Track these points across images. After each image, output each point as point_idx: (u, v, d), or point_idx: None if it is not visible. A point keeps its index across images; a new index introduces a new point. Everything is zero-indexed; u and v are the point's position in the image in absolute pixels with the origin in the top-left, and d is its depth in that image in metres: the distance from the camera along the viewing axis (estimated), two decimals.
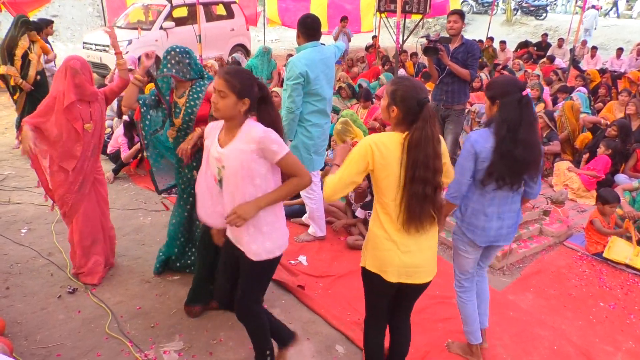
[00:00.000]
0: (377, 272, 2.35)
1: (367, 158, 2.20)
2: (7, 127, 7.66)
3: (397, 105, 2.20)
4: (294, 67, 3.83)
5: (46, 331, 3.18)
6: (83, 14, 17.92)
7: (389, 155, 2.19)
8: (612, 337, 3.41)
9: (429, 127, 2.15)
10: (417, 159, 2.14)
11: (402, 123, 2.23)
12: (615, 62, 13.04)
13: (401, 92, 2.20)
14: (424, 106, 2.16)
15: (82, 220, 3.61)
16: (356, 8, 15.05)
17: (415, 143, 2.14)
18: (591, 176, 5.80)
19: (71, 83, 3.32)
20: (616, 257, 4.29)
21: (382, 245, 2.31)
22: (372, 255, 2.37)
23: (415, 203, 2.18)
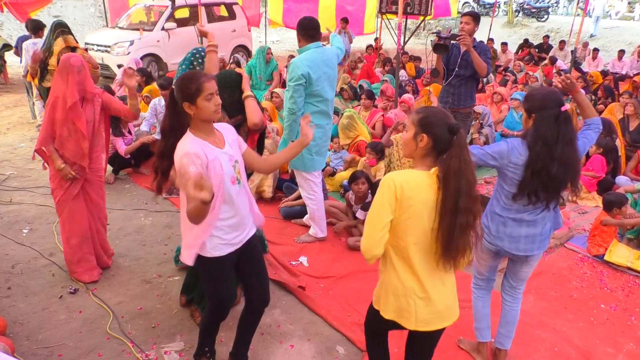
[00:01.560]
0: (394, 319, 2.21)
1: (391, 196, 2.01)
2: (9, 127, 7.68)
3: (428, 133, 2.02)
4: (296, 68, 3.84)
5: (47, 331, 3.19)
6: (85, 14, 17.95)
7: (413, 197, 2.00)
8: (613, 339, 3.41)
9: (465, 153, 2.00)
10: (460, 187, 1.96)
11: (431, 154, 2.06)
12: (617, 64, 13.04)
13: (431, 119, 2.04)
14: (457, 132, 2.00)
15: (68, 217, 3.63)
16: (361, 10, 15.09)
17: (455, 171, 1.96)
18: (591, 177, 5.80)
19: (74, 81, 3.32)
20: (617, 260, 4.28)
21: (398, 292, 2.14)
22: (387, 301, 2.20)
23: (459, 234, 2.00)
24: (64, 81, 3.35)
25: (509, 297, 3.04)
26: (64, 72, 3.35)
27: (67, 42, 3.94)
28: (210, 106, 2.30)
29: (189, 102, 2.29)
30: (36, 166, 6.03)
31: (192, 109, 2.31)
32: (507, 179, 2.62)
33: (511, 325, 3.04)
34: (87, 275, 3.71)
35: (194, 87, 2.28)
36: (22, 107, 8.94)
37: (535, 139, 2.49)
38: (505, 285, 3.06)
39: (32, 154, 3.42)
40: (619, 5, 25.61)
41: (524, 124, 2.69)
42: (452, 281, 2.22)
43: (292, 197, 5.10)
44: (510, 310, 3.03)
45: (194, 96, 2.28)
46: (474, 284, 3.10)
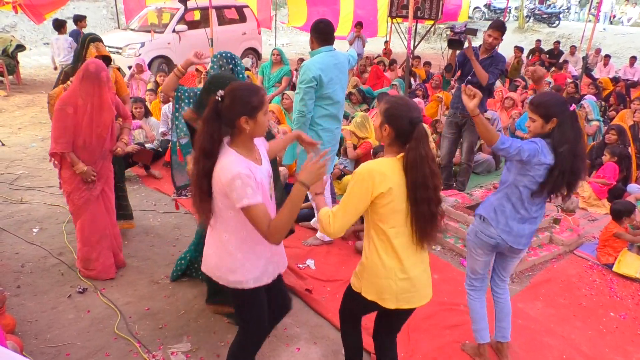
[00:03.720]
0: (375, 299, 2.31)
1: (369, 186, 2.12)
2: (21, 127, 7.75)
3: (390, 124, 2.16)
4: (308, 70, 3.85)
5: (56, 330, 3.21)
6: (97, 16, 18.12)
7: (390, 183, 2.13)
8: (622, 348, 3.37)
9: (422, 147, 2.11)
10: (416, 180, 2.11)
11: (395, 143, 2.20)
12: (629, 70, 12.95)
13: (393, 111, 2.16)
14: (416, 126, 2.12)
15: (89, 217, 3.65)
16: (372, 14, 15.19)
17: (411, 164, 2.10)
18: (602, 184, 5.75)
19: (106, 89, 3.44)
20: (627, 272, 4.23)
21: (380, 273, 2.26)
22: (369, 282, 2.31)
23: (424, 223, 2.18)
24: (91, 88, 3.37)
25: (500, 289, 3.11)
26: (94, 82, 3.37)
27: (99, 50, 3.92)
28: (266, 122, 2.17)
29: (248, 116, 2.09)
30: (47, 166, 6.08)
31: (249, 124, 2.10)
32: (527, 176, 2.68)
33: (508, 316, 3.12)
34: (105, 272, 3.74)
35: (257, 101, 2.10)
36: (34, 107, 9.03)
37: (562, 142, 2.61)
38: (495, 279, 3.12)
39: (44, 154, 3.43)
40: (631, 11, 25.43)
41: (537, 130, 2.71)
42: (428, 261, 2.37)
43: None
44: (505, 302, 3.10)
45: (256, 110, 2.09)
46: (469, 286, 3.08)
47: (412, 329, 3.37)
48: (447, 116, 5.72)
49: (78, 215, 3.68)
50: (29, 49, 13.44)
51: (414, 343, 3.24)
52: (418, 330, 3.37)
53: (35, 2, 9.55)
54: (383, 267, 2.24)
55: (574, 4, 28.40)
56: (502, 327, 3.11)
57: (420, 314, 3.52)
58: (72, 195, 3.61)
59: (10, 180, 5.59)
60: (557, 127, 2.62)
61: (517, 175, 2.73)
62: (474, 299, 3.05)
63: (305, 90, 3.86)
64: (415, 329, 3.37)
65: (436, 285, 3.86)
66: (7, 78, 10.09)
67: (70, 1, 13.18)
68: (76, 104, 3.38)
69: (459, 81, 5.28)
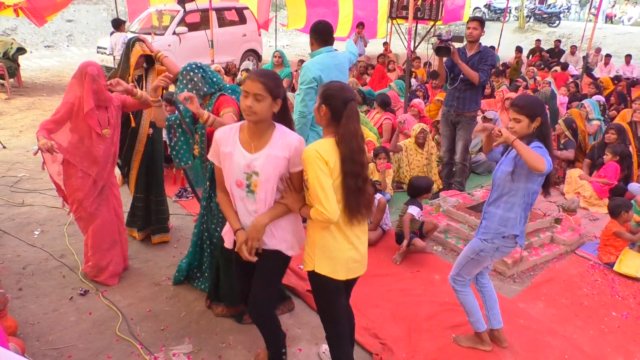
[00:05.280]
0: (327, 273, 2.43)
1: (322, 161, 2.26)
2: (22, 129, 7.77)
3: (326, 103, 2.33)
4: (308, 71, 3.85)
5: (58, 332, 3.22)
6: (97, 18, 18.16)
7: (332, 157, 2.29)
8: (624, 347, 3.37)
9: (351, 123, 2.29)
10: (345, 153, 2.28)
11: (332, 123, 2.35)
12: (626, 68, 12.96)
13: (329, 92, 2.34)
14: (348, 104, 2.30)
15: (100, 223, 3.64)
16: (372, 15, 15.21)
17: (341, 139, 2.29)
18: (603, 183, 5.75)
19: (90, 89, 3.33)
20: (627, 271, 4.22)
21: (332, 247, 2.41)
22: (320, 257, 2.43)
23: (352, 196, 2.33)
24: (80, 87, 3.36)
25: (485, 280, 3.23)
26: (80, 79, 3.37)
27: (144, 49, 3.91)
28: (241, 104, 2.34)
29: None
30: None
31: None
32: (536, 182, 2.80)
33: (497, 302, 3.24)
34: (111, 279, 3.74)
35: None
36: (35, 110, 9.05)
37: (548, 137, 2.77)
38: (483, 272, 3.22)
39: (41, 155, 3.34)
40: (632, 11, 25.42)
41: (525, 130, 2.76)
42: (367, 234, 2.56)
43: None
44: (491, 290, 3.24)
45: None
46: (459, 284, 3.13)
47: (414, 330, 3.37)
48: (441, 114, 5.77)
49: (89, 222, 3.64)
50: (29, 51, 13.48)
51: (415, 344, 3.24)
52: (419, 330, 3.37)
53: (36, 5, 9.56)
54: (334, 241, 2.40)
55: (574, 3, 28.41)
56: (495, 314, 3.22)
57: (421, 315, 3.54)
58: (85, 202, 3.56)
59: (12, 183, 5.60)
60: (540, 125, 2.73)
61: (527, 183, 2.79)
62: (467, 293, 3.13)
63: (305, 91, 3.86)
64: (416, 330, 3.37)
65: (437, 286, 3.89)
66: (8, 81, 10.11)
67: (71, 4, 13.18)
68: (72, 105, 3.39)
69: (452, 82, 5.34)
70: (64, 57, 15.40)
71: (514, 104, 2.80)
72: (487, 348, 3.20)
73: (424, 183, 4.60)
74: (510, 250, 2.98)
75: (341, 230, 2.40)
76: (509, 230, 2.87)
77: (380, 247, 4.55)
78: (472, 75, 5.05)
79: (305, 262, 2.52)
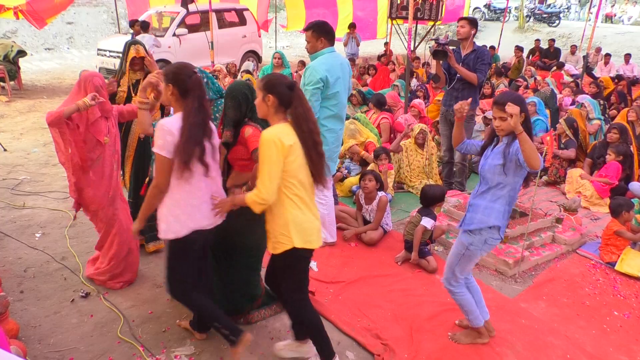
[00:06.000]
0: (305, 245, 2.62)
1: (279, 145, 2.44)
2: (23, 132, 7.78)
3: (272, 93, 2.51)
4: (314, 72, 3.85)
5: (59, 335, 3.21)
6: (97, 21, 18.18)
7: (290, 141, 2.49)
8: (626, 347, 3.36)
9: (303, 103, 2.55)
10: (307, 128, 2.53)
11: (279, 110, 2.55)
12: (625, 67, 12.96)
13: (272, 81, 2.55)
14: (294, 88, 2.53)
15: (119, 231, 3.64)
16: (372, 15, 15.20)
17: (302, 116, 2.53)
18: (604, 183, 5.75)
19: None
20: (629, 271, 4.22)
21: (302, 219, 2.61)
22: (295, 233, 2.59)
23: (317, 164, 2.60)
24: (82, 97, 3.36)
25: (470, 275, 3.27)
26: (83, 89, 3.37)
27: (139, 52, 3.92)
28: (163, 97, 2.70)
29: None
30: (49, 171, 6.10)
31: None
32: (522, 176, 2.88)
33: (481, 294, 3.31)
34: (120, 284, 3.74)
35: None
36: (35, 112, 9.06)
37: (532, 132, 2.82)
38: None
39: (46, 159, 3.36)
40: (632, 10, 25.43)
41: (509, 127, 2.76)
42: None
43: None
44: (476, 284, 3.30)
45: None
46: (455, 285, 3.14)
47: (415, 330, 3.37)
48: (440, 114, 5.79)
49: (108, 232, 3.64)
50: (30, 54, 13.48)
51: (417, 344, 3.23)
52: (421, 330, 3.37)
53: (36, 8, 9.57)
54: (304, 215, 2.63)
55: (574, 3, 28.41)
56: (483, 306, 3.27)
57: (423, 315, 3.53)
58: (100, 213, 3.58)
59: (13, 186, 5.60)
60: (525, 121, 2.76)
61: (514, 177, 2.86)
62: (464, 293, 3.15)
63: (312, 92, 3.86)
64: (418, 330, 3.37)
65: (439, 286, 3.88)
66: (9, 84, 10.12)
67: (71, 6, 13.20)
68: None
69: (449, 82, 5.44)
70: (65, 60, 15.42)
71: (498, 102, 2.82)
72: (485, 340, 3.26)
73: (438, 192, 4.38)
74: (497, 242, 3.01)
75: (306, 204, 2.64)
76: (492, 221, 2.91)
77: (381, 247, 4.55)
78: (470, 77, 5.13)
79: (281, 243, 2.62)
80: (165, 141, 2.55)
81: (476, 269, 4.21)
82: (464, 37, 5.21)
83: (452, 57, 5.06)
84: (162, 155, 2.55)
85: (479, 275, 4.14)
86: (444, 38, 5.13)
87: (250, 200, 2.53)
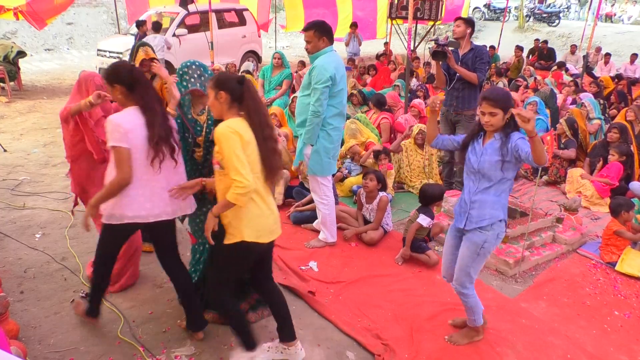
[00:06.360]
0: (255, 239, 2.64)
1: (237, 136, 2.47)
2: (23, 133, 7.77)
3: (223, 89, 2.55)
4: (324, 70, 3.88)
5: (59, 335, 3.21)
6: (97, 21, 18.18)
7: (247, 137, 2.52)
8: (627, 347, 3.36)
9: (254, 96, 2.58)
10: (260, 120, 2.57)
11: (233, 105, 2.58)
12: (629, 67, 12.94)
13: (221, 78, 2.59)
14: (244, 82, 2.56)
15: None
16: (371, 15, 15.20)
17: (254, 109, 2.56)
18: (604, 183, 5.74)
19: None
20: (629, 271, 4.22)
21: (256, 213, 2.63)
22: (248, 226, 2.62)
23: (270, 157, 2.61)
24: (83, 98, 3.36)
25: None
26: (84, 89, 3.37)
27: (148, 53, 3.90)
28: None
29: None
30: (49, 172, 6.10)
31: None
32: (516, 170, 2.91)
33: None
34: (124, 285, 3.74)
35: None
36: (35, 113, 9.05)
37: (518, 127, 2.77)
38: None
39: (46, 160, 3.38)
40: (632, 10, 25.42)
41: (499, 123, 2.80)
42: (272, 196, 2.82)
43: (302, 202, 5.11)
44: None
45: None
46: (470, 285, 3.09)
47: (416, 330, 3.36)
48: (441, 114, 5.78)
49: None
50: (29, 55, 13.48)
51: (417, 344, 3.23)
52: (422, 330, 3.37)
53: (36, 8, 9.58)
54: (259, 209, 2.64)
55: (574, 3, 28.41)
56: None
57: (423, 315, 3.53)
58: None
59: (13, 186, 5.59)
60: (513, 117, 2.76)
61: (513, 171, 2.89)
62: (475, 294, 3.13)
63: (322, 90, 3.90)
64: (418, 330, 3.37)
65: (439, 286, 3.89)
66: (9, 84, 10.11)
67: (71, 7, 13.19)
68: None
69: (449, 82, 5.44)
70: (64, 60, 15.41)
71: (487, 98, 2.79)
72: (480, 337, 3.28)
73: (437, 191, 4.41)
74: (503, 236, 3.02)
75: (262, 198, 2.65)
76: (502, 214, 2.93)
77: (382, 247, 4.55)
78: (470, 77, 5.16)
79: (231, 234, 2.64)
80: (119, 133, 2.66)
81: None
82: (460, 36, 5.25)
83: (451, 58, 5.08)
84: (120, 147, 2.65)
85: (480, 275, 4.12)
86: (443, 39, 5.15)
87: (233, 197, 2.48)
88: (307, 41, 4.04)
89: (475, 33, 5.33)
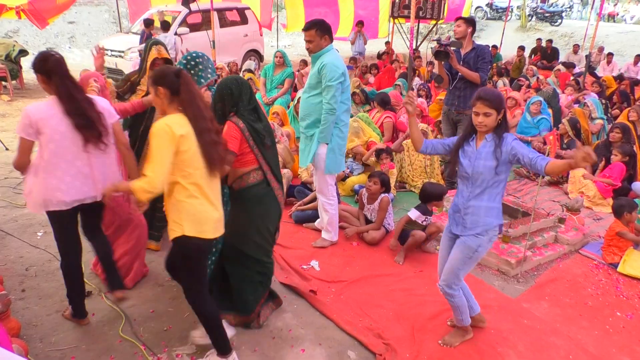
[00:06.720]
0: (197, 234, 2.60)
1: (170, 134, 2.43)
2: None
3: (161, 84, 2.52)
4: (335, 67, 3.90)
5: (61, 333, 3.21)
6: (99, 20, 18.18)
7: (183, 130, 2.48)
8: (629, 347, 3.35)
9: (190, 88, 2.54)
10: (195, 113, 2.53)
11: (174, 100, 2.55)
12: (632, 68, 12.89)
13: (159, 74, 2.57)
14: (180, 74, 2.53)
15: (137, 225, 3.67)
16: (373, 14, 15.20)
17: (187, 101, 2.52)
18: (607, 184, 5.73)
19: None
20: (631, 272, 4.20)
21: (199, 208, 2.59)
22: (188, 220, 2.58)
23: (211, 150, 2.57)
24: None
25: None
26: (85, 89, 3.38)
27: (160, 52, 3.89)
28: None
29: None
30: None
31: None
32: (508, 168, 2.87)
33: (469, 289, 3.31)
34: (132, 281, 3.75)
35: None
36: None
37: (509, 128, 2.86)
38: None
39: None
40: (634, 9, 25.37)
41: (492, 123, 2.80)
42: (219, 191, 2.76)
43: (304, 200, 5.10)
44: (464, 282, 3.25)
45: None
46: (456, 287, 3.08)
47: (417, 330, 3.36)
48: (442, 113, 5.79)
49: (125, 226, 3.66)
50: (31, 54, 13.46)
51: (419, 343, 3.23)
52: (423, 330, 3.36)
53: (38, 7, 9.59)
54: (201, 205, 2.60)
55: (576, 2, 28.36)
56: (473, 301, 3.29)
57: (425, 314, 3.52)
58: (118, 209, 3.59)
59: (14, 185, 5.60)
60: (505, 117, 2.80)
61: (506, 173, 2.88)
62: (461, 295, 3.13)
63: (336, 87, 3.93)
64: (420, 330, 3.36)
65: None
66: (11, 83, 10.12)
67: (73, 5, 13.19)
68: None
69: (451, 81, 5.47)
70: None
71: (482, 98, 2.77)
72: (470, 335, 3.28)
73: (436, 190, 4.44)
74: (495, 239, 3.03)
75: (204, 194, 2.60)
76: (495, 221, 2.92)
77: (383, 247, 4.54)
78: (472, 77, 5.18)
79: (172, 230, 2.63)
80: (24, 124, 2.83)
81: (478, 269, 4.20)
82: (461, 36, 5.26)
83: (453, 58, 5.10)
84: (22, 137, 2.85)
85: (481, 275, 4.13)
86: (445, 39, 5.16)
87: (138, 187, 2.47)
88: (309, 40, 4.03)
89: (477, 32, 5.34)
